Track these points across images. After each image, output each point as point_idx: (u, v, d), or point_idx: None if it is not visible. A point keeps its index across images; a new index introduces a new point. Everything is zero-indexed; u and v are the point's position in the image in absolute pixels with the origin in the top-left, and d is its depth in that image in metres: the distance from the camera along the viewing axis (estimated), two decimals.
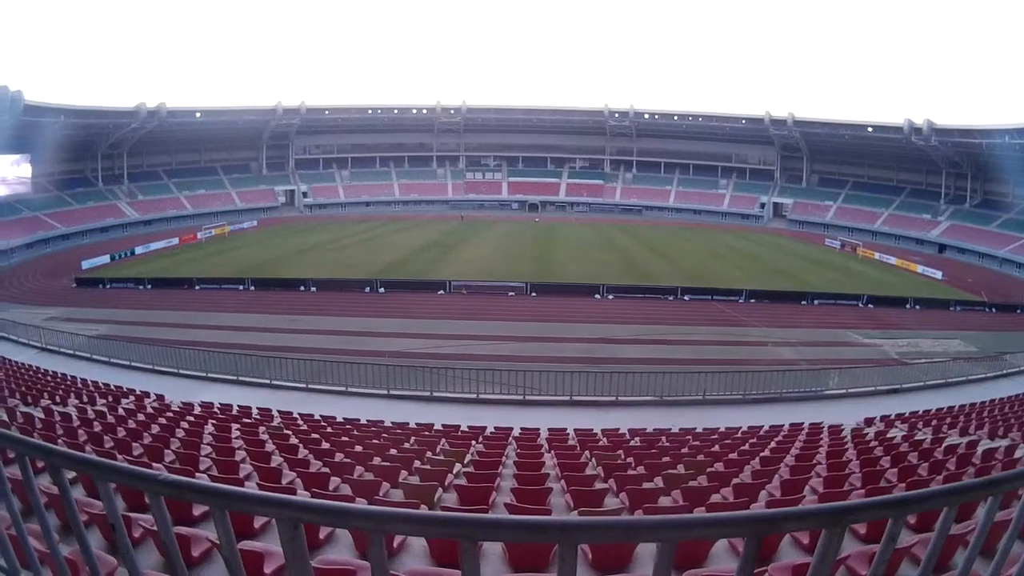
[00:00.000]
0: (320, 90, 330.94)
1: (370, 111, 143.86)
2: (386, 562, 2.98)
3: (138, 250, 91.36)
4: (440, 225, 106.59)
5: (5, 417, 17.77)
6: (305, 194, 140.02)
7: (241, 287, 62.75)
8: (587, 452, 17.34)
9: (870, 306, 56.24)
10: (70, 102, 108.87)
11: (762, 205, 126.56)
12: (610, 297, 54.25)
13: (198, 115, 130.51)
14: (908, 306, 57.16)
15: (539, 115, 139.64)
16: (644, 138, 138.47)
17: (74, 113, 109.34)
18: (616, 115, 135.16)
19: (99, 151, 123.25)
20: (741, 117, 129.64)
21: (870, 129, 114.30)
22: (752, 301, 54.56)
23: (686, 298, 54.26)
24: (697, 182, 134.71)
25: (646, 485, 13.63)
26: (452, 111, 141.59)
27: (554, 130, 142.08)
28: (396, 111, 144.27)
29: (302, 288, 60.30)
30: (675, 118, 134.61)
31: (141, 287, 66.34)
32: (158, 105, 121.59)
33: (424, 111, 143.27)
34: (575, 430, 20.87)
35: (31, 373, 30.47)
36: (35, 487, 4.09)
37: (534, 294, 55.48)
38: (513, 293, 55.68)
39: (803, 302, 56.38)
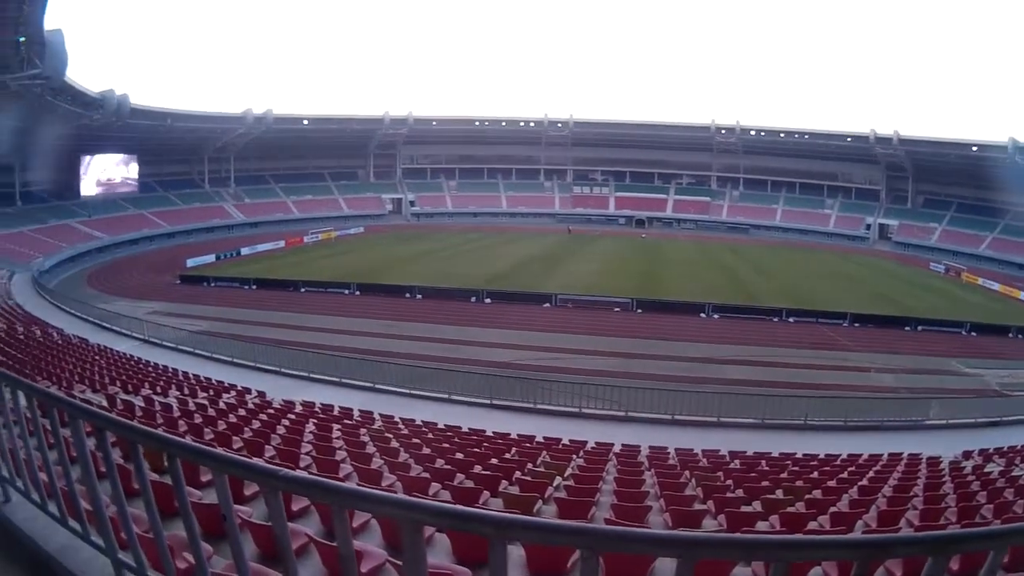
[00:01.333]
0: (427, 101, 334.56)
1: (477, 123, 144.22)
2: (505, 569, 2.98)
3: (244, 251, 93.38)
4: (547, 238, 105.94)
5: (105, 403, 18.24)
6: (412, 203, 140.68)
7: (347, 291, 63.27)
8: (687, 472, 17.21)
9: (973, 334, 54.11)
10: (177, 106, 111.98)
11: (867, 226, 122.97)
12: (715, 316, 53.36)
13: (305, 122, 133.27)
14: (1011, 335, 54.64)
15: (646, 130, 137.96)
16: (750, 155, 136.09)
17: (180, 117, 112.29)
18: (722, 131, 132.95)
19: (206, 154, 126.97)
20: (846, 135, 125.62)
21: (974, 148, 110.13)
22: (856, 325, 53.12)
23: (790, 320, 53.30)
24: (803, 201, 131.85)
25: (744, 508, 13.52)
26: (560, 124, 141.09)
27: (661, 145, 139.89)
28: (504, 123, 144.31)
29: (407, 295, 60.32)
30: (781, 135, 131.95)
31: (246, 286, 67.70)
32: (265, 111, 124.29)
33: (532, 124, 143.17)
34: (676, 449, 20.69)
35: (132, 363, 31.13)
36: (146, 475, 4.36)
37: (639, 310, 54.71)
38: (619, 309, 54.97)
39: (906, 328, 54.58)
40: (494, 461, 16.82)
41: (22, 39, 58.62)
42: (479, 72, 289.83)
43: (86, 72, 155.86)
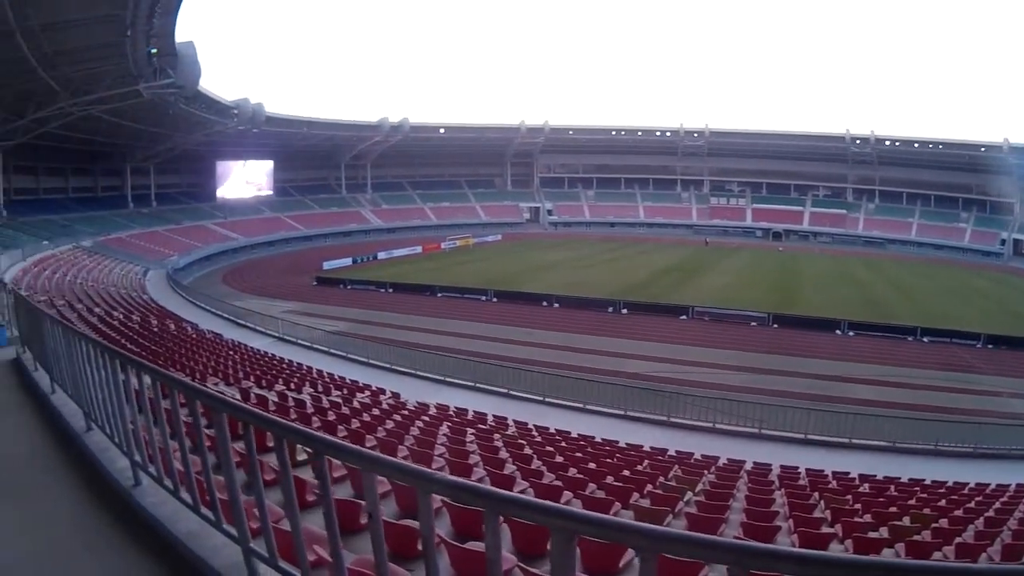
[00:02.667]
0: (564, 109, 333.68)
1: (613, 132, 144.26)
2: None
3: (380, 255, 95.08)
4: (683, 250, 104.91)
5: (239, 396, 18.65)
6: (550, 211, 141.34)
7: (483, 298, 63.63)
8: (816, 493, 16.98)
9: None
10: (311, 114, 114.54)
11: (1002, 241, 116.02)
12: (850, 334, 52.01)
13: (441, 131, 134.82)
14: None
15: (780, 140, 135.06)
16: (885, 166, 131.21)
17: (316, 125, 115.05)
18: (857, 141, 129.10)
19: (342, 161, 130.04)
20: (980, 144, 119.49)
21: None
22: (989, 347, 50.50)
23: (924, 339, 51.19)
24: (938, 215, 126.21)
25: (871, 534, 13.25)
26: (695, 134, 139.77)
27: (796, 156, 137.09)
28: (640, 133, 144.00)
29: (544, 303, 60.51)
30: (915, 145, 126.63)
31: (382, 290, 68.92)
32: (401, 120, 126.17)
33: (667, 134, 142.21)
34: (806, 470, 20.51)
35: (266, 359, 31.91)
36: (289, 469, 4.53)
37: (775, 325, 53.79)
38: (755, 323, 54.18)
39: None
40: (626, 473, 16.87)
41: (154, 51, 60.69)
42: (615, 81, 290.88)
43: (223, 82, 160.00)
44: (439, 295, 65.92)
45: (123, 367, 6.94)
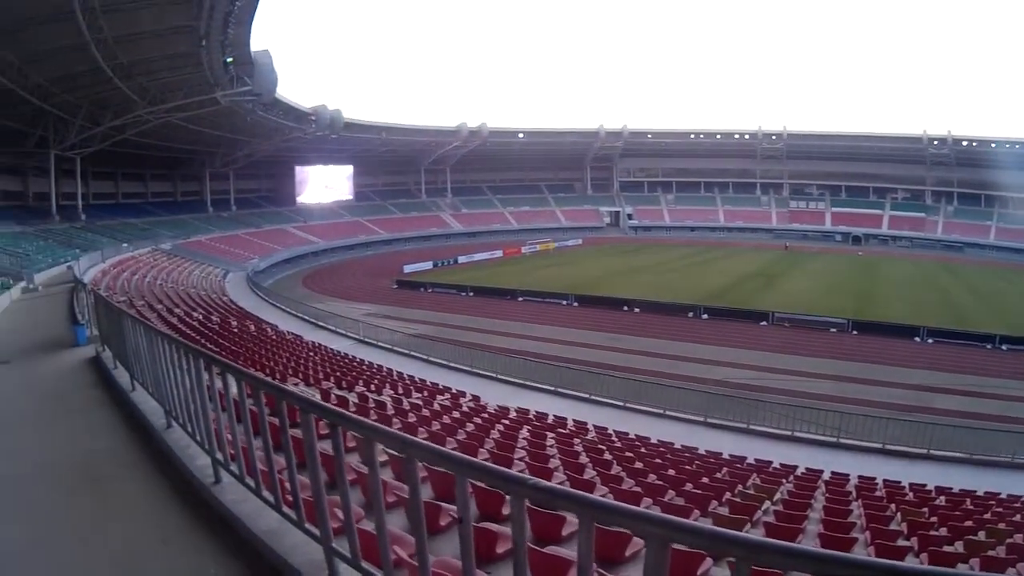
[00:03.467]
0: (642, 113, 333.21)
1: (692, 136, 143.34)
2: None
3: (461, 259, 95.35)
4: (763, 254, 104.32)
5: (319, 397, 18.59)
6: (630, 216, 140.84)
7: (564, 302, 63.48)
8: (893, 505, 16.70)
9: None
10: (389, 120, 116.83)
11: None
12: (929, 341, 50.62)
13: (520, 136, 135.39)
14: None
15: (858, 142, 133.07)
16: (964, 167, 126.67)
17: (394, 130, 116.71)
18: (935, 142, 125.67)
19: (421, 166, 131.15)
20: None
21: None
22: None
23: (1003, 348, 49.57)
24: (1018, 218, 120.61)
25: (946, 548, 13.05)
26: (773, 137, 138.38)
27: (874, 158, 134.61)
28: (718, 136, 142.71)
29: (625, 308, 60.13)
30: (992, 145, 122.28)
31: (463, 293, 69.32)
32: (480, 125, 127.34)
33: (746, 136, 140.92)
34: (883, 481, 20.15)
35: (347, 361, 32.09)
36: (378, 470, 4.62)
37: (855, 332, 52.84)
38: (835, 329, 53.31)
39: None
40: (705, 480, 16.79)
41: (230, 60, 61.61)
42: (693, 83, 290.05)
43: (300, 89, 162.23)
44: (520, 299, 65.97)
45: (207, 367, 7.06)
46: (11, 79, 50.49)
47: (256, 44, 64.40)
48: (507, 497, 8.90)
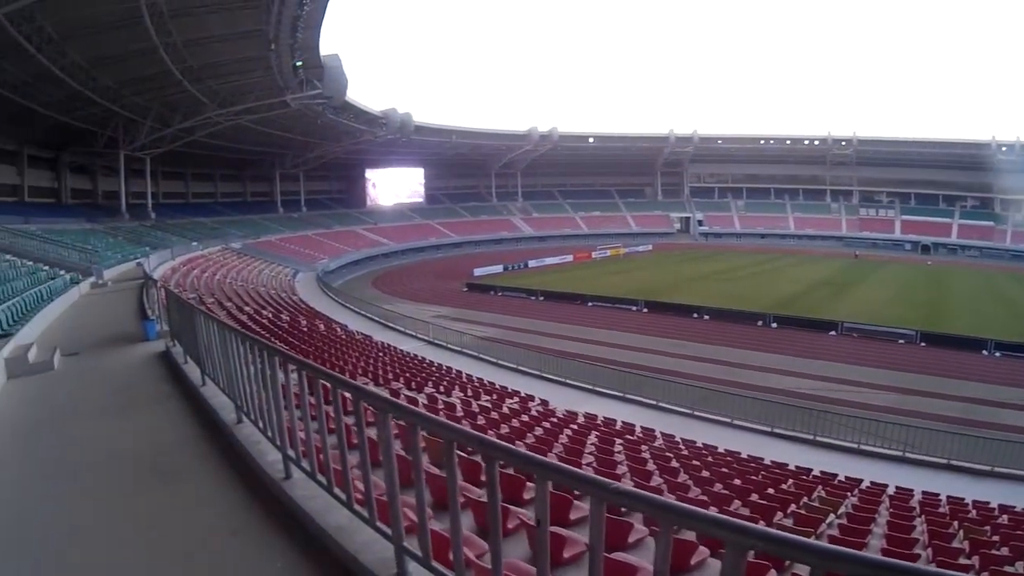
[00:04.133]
0: (712, 118, 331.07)
1: (761, 141, 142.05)
2: None
3: (531, 263, 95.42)
4: (833, 262, 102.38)
5: (388, 396, 18.79)
6: (700, 222, 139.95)
7: (634, 308, 63.07)
8: (956, 523, 16.50)
9: None
10: (459, 124, 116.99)
11: None
12: (997, 355, 48.90)
13: (590, 140, 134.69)
14: None
15: (926, 148, 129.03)
16: None
17: (465, 134, 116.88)
18: (1003, 148, 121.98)
19: (492, 169, 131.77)
20: None
21: None
22: None
23: None
24: None
25: (1008, 568, 12.82)
26: (843, 143, 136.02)
27: (942, 164, 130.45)
28: (788, 142, 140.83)
29: (694, 315, 59.57)
30: None
31: (532, 297, 69.06)
32: (550, 129, 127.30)
33: (815, 142, 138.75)
34: (947, 497, 19.91)
35: (416, 362, 32.34)
36: (456, 472, 4.60)
37: (923, 344, 51.34)
38: (903, 341, 51.97)
39: None
40: (771, 491, 16.75)
41: (299, 63, 62.38)
42: (763, 88, 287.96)
43: (369, 92, 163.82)
44: (589, 304, 65.73)
45: (282, 364, 7.18)
46: (80, 81, 51.57)
47: (325, 48, 65.06)
48: (573, 501, 8.99)
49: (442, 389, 25.16)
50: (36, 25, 43.65)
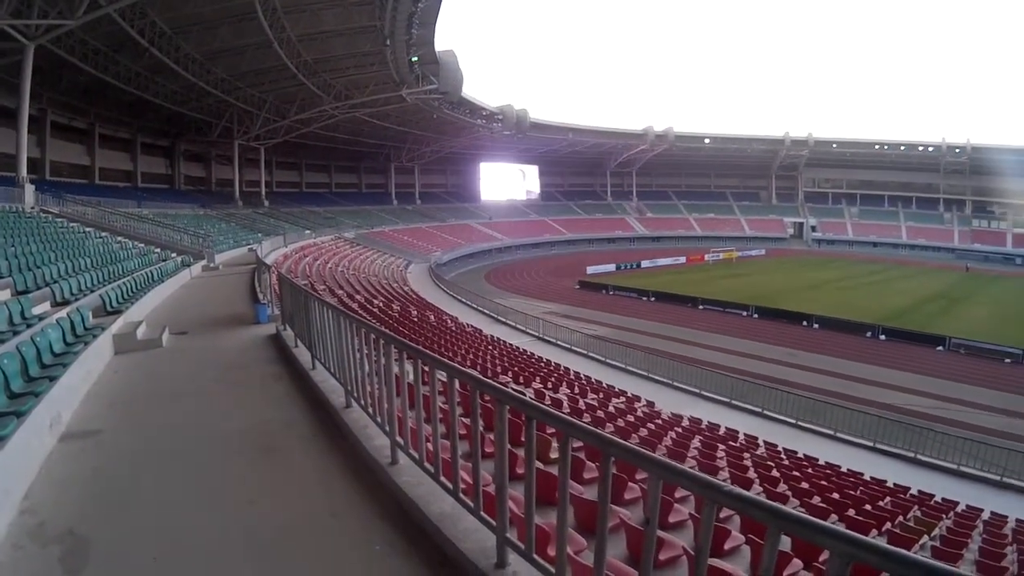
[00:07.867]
0: (828, 121, 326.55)
1: (876, 147, 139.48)
2: None
3: (644, 263, 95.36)
4: (944, 275, 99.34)
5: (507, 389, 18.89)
6: (814, 228, 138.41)
7: (744, 313, 62.89)
8: None
9: None
10: (574, 121, 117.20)
11: None
12: None
13: (706, 141, 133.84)
14: None
15: None
16: None
17: (581, 132, 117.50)
18: None
19: (607, 168, 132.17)
20: None
21: None
22: None
23: None
24: None
25: None
26: (957, 150, 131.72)
27: None
28: (902, 148, 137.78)
29: (804, 323, 58.95)
30: None
31: (644, 298, 69.29)
32: (666, 129, 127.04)
33: (929, 149, 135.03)
34: None
35: (524, 357, 32.53)
36: (568, 466, 4.56)
37: None
38: (1009, 360, 49.61)
39: None
40: (868, 507, 16.54)
41: (415, 59, 63.23)
42: (879, 92, 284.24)
43: (484, 88, 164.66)
44: (701, 307, 65.67)
45: (399, 354, 7.24)
46: (194, 73, 53.22)
47: (440, 44, 65.77)
48: (674, 505, 9.09)
49: (550, 385, 25.30)
50: (148, 20, 45.10)
